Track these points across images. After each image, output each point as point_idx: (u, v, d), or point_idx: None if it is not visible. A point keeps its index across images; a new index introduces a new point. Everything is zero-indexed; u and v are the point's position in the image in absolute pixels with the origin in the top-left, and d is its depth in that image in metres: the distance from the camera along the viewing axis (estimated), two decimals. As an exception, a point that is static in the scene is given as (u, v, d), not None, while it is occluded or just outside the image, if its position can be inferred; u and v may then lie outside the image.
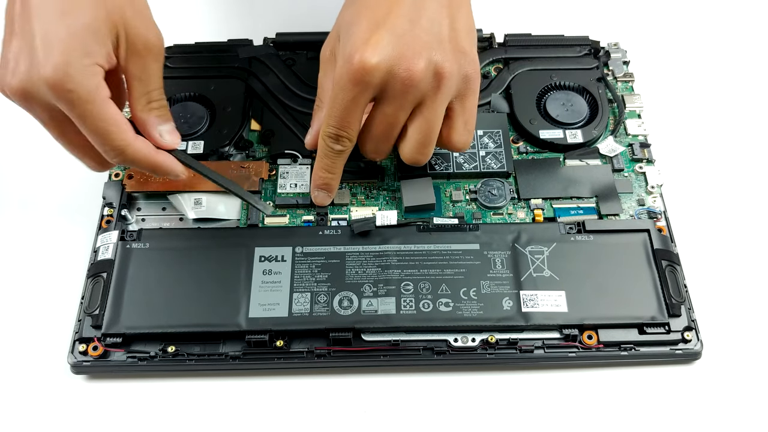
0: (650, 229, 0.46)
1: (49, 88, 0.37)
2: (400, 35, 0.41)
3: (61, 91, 0.37)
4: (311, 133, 0.49)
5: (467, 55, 0.43)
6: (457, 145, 0.46)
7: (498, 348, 0.43)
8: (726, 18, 0.63)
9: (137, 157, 0.41)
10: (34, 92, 0.38)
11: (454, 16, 0.44)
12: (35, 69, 0.37)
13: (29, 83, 0.38)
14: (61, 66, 0.37)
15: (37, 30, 0.38)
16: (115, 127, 0.39)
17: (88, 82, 0.38)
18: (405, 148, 0.45)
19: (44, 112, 0.39)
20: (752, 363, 0.45)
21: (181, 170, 0.44)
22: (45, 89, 0.37)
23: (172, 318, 0.43)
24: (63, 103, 0.38)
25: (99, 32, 0.39)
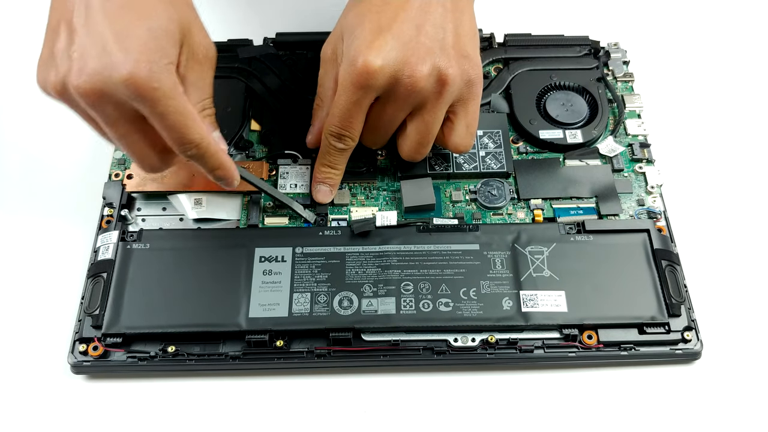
0: (650, 229, 0.46)
1: (128, 87, 0.37)
2: (405, 41, 0.42)
3: (146, 89, 0.37)
4: (312, 132, 0.49)
5: (470, 60, 0.44)
6: (459, 147, 0.47)
7: (498, 348, 0.43)
8: (726, 18, 0.63)
9: (210, 151, 0.41)
10: (109, 92, 0.37)
11: (458, 21, 0.44)
12: (113, 69, 0.37)
13: (103, 82, 0.37)
14: (145, 65, 0.37)
15: (110, 30, 0.38)
16: (192, 121, 0.39)
17: (169, 79, 0.38)
18: (403, 145, 0.47)
19: (116, 111, 0.39)
20: (752, 363, 0.45)
21: (238, 177, 0.44)
22: (123, 88, 0.37)
23: (172, 318, 0.43)
24: (145, 102, 0.38)
25: (174, 37, 0.39)
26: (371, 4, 0.43)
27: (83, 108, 0.39)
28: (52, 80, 0.38)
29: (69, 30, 0.39)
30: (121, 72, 0.37)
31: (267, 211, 0.49)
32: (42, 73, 0.39)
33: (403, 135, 0.47)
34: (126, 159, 0.51)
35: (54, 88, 0.39)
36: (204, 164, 0.42)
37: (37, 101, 0.57)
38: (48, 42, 0.40)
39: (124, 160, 0.51)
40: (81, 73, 0.37)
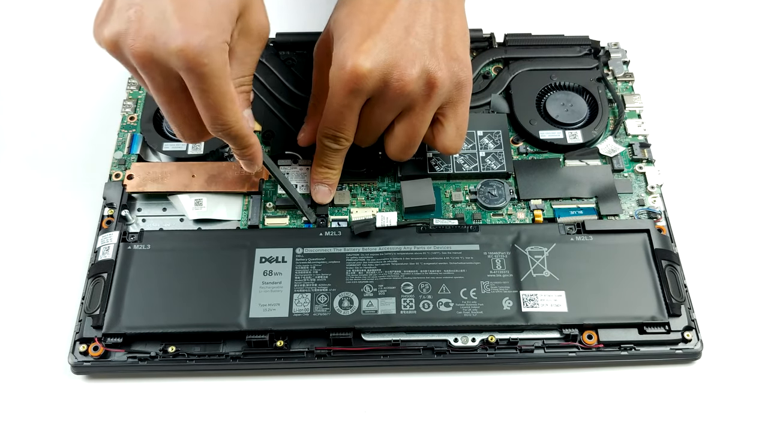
0: (650, 229, 0.46)
1: (180, 58, 0.37)
2: (395, 43, 0.42)
3: (196, 64, 0.37)
4: (305, 131, 0.50)
5: (460, 62, 0.44)
6: (449, 149, 0.47)
7: (498, 348, 0.43)
8: (726, 18, 0.63)
9: (240, 133, 0.42)
10: (160, 59, 0.38)
11: (448, 21, 0.44)
12: (168, 36, 0.37)
13: (157, 49, 0.37)
14: (201, 40, 0.37)
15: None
16: (231, 103, 0.40)
17: (221, 57, 0.38)
18: (390, 145, 0.47)
19: (163, 78, 0.39)
20: (752, 363, 0.45)
21: (261, 161, 0.45)
22: (175, 58, 0.37)
23: (173, 318, 0.43)
24: (192, 75, 0.38)
25: (233, 13, 0.39)
26: (361, 3, 0.43)
27: (133, 66, 0.39)
28: (106, 35, 0.38)
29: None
30: (177, 42, 0.37)
31: (267, 211, 0.49)
32: (98, 26, 0.39)
33: (390, 135, 0.46)
34: (126, 159, 0.51)
35: (107, 43, 0.39)
36: (231, 142, 0.43)
37: (37, 101, 0.57)
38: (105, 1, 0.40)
39: (124, 161, 0.51)
40: (137, 36, 0.37)
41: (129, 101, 0.54)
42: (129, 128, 0.53)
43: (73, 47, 0.60)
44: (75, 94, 0.58)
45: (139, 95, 0.55)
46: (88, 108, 0.57)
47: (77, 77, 0.59)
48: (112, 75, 0.58)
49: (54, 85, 0.58)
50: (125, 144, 0.52)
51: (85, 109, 0.57)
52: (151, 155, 0.52)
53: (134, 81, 0.55)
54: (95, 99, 0.57)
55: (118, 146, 0.52)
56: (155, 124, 0.52)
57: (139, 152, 0.51)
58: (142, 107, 0.54)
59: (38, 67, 0.59)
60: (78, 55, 0.60)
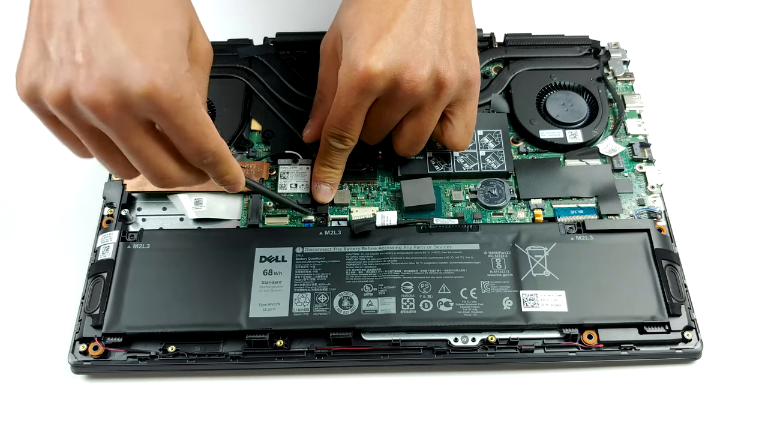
0: (650, 229, 0.46)
1: (147, 99, 0.33)
2: (406, 43, 0.42)
3: (168, 100, 0.34)
4: (311, 126, 0.50)
5: (469, 60, 0.44)
6: (457, 146, 0.48)
7: (498, 348, 0.43)
8: (726, 18, 0.63)
9: (225, 155, 0.38)
10: (124, 103, 0.33)
11: (457, 19, 0.44)
12: (129, 77, 0.33)
13: (119, 93, 0.33)
14: (166, 74, 0.33)
15: (122, 32, 0.33)
16: (210, 129, 0.37)
17: (189, 86, 0.35)
18: (398, 143, 0.48)
19: (130, 122, 0.34)
20: (752, 363, 0.45)
21: (243, 181, 0.42)
22: (141, 100, 0.33)
23: (173, 318, 0.43)
24: (164, 113, 0.34)
25: (185, 36, 0.37)
26: (370, 1, 0.43)
27: (84, 121, 0.35)
28: (51, 89, 0.34)
29: (67, 30, 0.34)
30: (141, 82, 0.33)
31: (267, 210, 0.49)
32: (29, 80, 0.34)
33: (398, 133, 0.47)
34: (126, 159, 0.51)
35: (53, 97, 0.34)
36: (216, 170, 0.39)
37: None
38: (33, 43, 0.35)
39: (124, 160, 0.51)
40: (90, 82, 0.33)
41: (129, 101, 0.54)
42: (129, 128, 0.53)
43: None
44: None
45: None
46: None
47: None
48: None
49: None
50: (125, 143, 0.52)
51: (85, 108, 0.57)
52: (151, 155, 0.52)
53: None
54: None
55: (118, 146, 0.52)
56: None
57: (139, 152, 0.51)
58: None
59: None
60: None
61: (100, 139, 0.36)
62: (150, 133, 0.36)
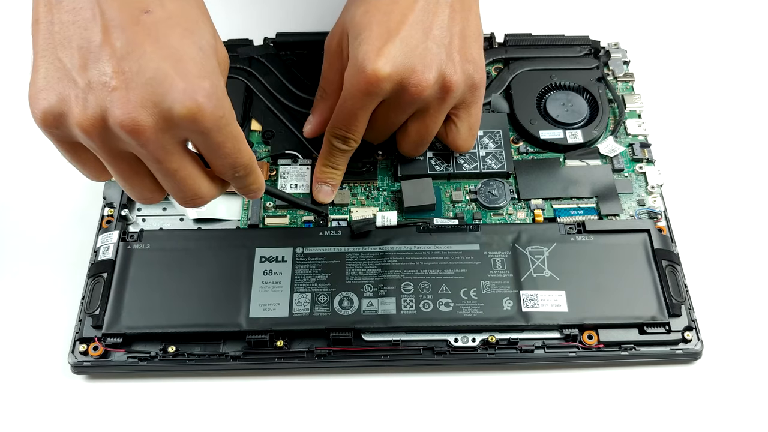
0: (650, 229, 0.46)
1: (191, 119, 0.31)
2: (413, 46, 0.42)
3: (211, 119, 0.32)
4: (312, 122, 0.50)
5: (475, 64, 0.44)
6: (461, 148, 0.48)
7: (498, 348, 0.43)
8: (726, 18, 0.63)
9: (255, 167, 0.37)
10: (167, 124, 0.31)
11: (465, 22, 0.44)
12: (172, 100, 0.31)
13: (161, 115, 0.31)
14: (209, 91, 0.32)
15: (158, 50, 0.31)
16: (243, 143, 0.35)
17: (228, 102, 0.33)
18: (403, 143, 0.48)
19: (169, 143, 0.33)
20: (752, 363, 0.45)
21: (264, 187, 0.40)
22: (185, 120, 0.31)
23: (173, 318, 0.43)
24: (206, 132, 0.32)
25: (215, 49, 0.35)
26: (379, 2, 0.43)
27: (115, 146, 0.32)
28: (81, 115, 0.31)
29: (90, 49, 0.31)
30: (185, 102, 0.31)
31: (267, 211, 0.49)
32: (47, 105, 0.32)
33: (403, 134, 0.47)
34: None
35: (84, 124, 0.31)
36: (245, 182, 0.37)
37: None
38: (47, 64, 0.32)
39: (124, 160, 0.51)
40: (128, 105, 0.31)
41: (129, 101, 0.54)
42: (129, 128, 0.53)
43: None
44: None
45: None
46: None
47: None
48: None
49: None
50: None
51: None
52: (151, 155, 0.52)
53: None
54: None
55: (118, 146, 0.52)
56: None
57: (139, 152, 0.51)
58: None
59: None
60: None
61: (130, 163, 0.34)
62: (185, 152, 0.34)
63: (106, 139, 0.32)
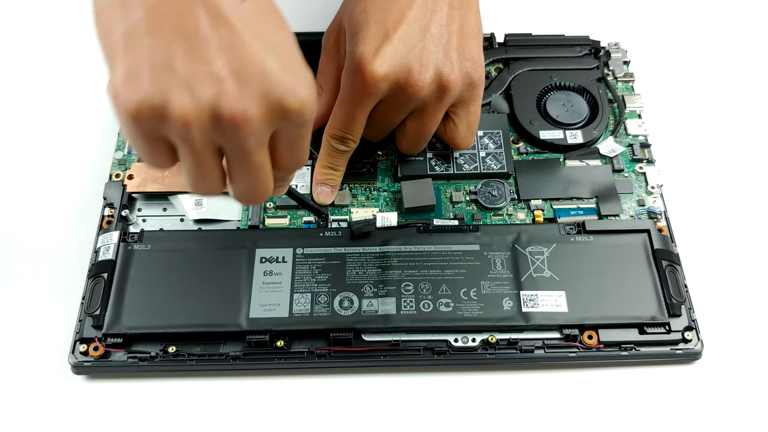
0: (650, 229, 0.46)
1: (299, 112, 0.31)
2: (411, 46, 0.42)
3: (311, 113, 0.32)
4: None
5: (474, 62, 0.44)
6: (460, 145, 0.48)
7: (498, 348, 0.43)
8: (726, 18, 0.63)
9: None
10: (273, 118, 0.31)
11: (464, 19, 0.44)
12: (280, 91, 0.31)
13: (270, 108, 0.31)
14: (311, 85, 0.32)
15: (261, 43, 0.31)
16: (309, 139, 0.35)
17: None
18: (401, 141, 0.48)
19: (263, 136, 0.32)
20: (752, 363, 0.45)
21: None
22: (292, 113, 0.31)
23: (173, 318, 0.43)
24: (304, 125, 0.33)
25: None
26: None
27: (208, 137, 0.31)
28: (186, 105, 0.30)
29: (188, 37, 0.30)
30: (298, 95, 0.31)
31: (268, 211, 0.49)
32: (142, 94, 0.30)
33: (402, 132, 0.48)
34: (126, 159, 0.51)
35: (188, 115, 0.30)
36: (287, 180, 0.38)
37: (37, 100, 0.57)
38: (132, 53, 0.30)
39: (124, 161, 0.51)
40: (241, 98, 0.30)
41: (129, 101, 0.54)
42: (129, 128, 0.53)
43: (73, 46, 0.60)
44: (75, 94, 0.58)
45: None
46: (89, 107, 0.57)
47: (78, 77, 0.59)
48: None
49: (54, 84, 0.58)
50: (125, 144, 0.52)
51: (86, 108, 0.57)
52: (151, 155, 0.52)
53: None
54: (96, 98, 0.57)
55: (119, 146, 0.52)
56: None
57: (139, 152, 0.51)
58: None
59: (38, 67, 0.59)
60: (78, 54, 0.60)
61: (214, 155, 0.33)
62: (267, 148, 0.33)
63: (204, 131, 0.31)
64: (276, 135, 0.33)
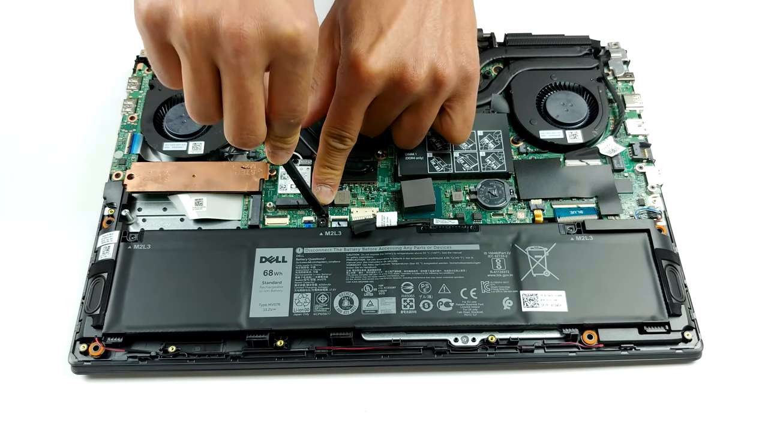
0: (650, 229, 0.46)
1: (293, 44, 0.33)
2: (405, 41, 0.42)
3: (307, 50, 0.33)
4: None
5: (468, 56, 0.44)
6: (457, 139, 0.49)
7: (498, 348, 0.43)
8: (726, 18, 0.63)
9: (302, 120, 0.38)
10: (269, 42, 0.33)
11: (458, 13, 0.44)
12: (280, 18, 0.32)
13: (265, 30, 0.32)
14: (313, 22, 0.33)
15: None
16: (309, 89, 0.36)
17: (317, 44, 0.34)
18: (398, 135, 0.48)
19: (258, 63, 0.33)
20: (752, 363, 0.45)
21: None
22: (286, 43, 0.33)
23: (173, 318, 0.43)
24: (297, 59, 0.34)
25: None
26: None
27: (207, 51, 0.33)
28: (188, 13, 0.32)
29: None
30: (293, 23, 0.33)
31: (268, 211, 0.49)
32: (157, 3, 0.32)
33: (398, 127, 0.48)
34: (126, 159, 0.51)
35: (188, 22, 0.32)
36: (290, 132, 0.38)
37: (38, 100, 0.57)
38: None
39: (124, 160, 0.51)
40: (240, 13, 0.32)
41: (129, 101, 0.54)
42: (129, 128, 0.53)
43: (73, 47, 0.60)
44: (75, 94, 0.58)
45: (139, 95, 0.55)
46: (89, 108, 0.57)
47: (78, 76, 0.59)
48: (112, 75, 0.58)
49: (54, 84, 0.58)
50: (125, 144, 0.52)
51: (86, 108, 0.57)
52: (151, 155, 0.52)
53: (135, 80, 0.55)
54: (96, 99, 0.57)
55: (119, 146, 0.52)
56: (155, 124, 0.52)
57: (139, 152, 0.51)
58: (142, 107, 0.54)
59: (39, 67, 0.60)
60: (79, 54, 0.60)
61: (210, 75, 0.34)
62: (262, 80, 0.35)
63: (203, 43, 0.32)
64: (272, 69, 0.34)
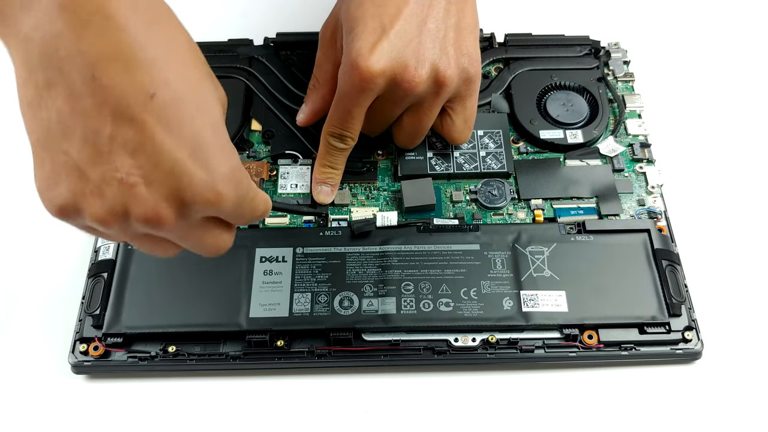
0: (650, 229, 0.46)
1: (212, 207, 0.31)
2: (407, 41, 0.42)
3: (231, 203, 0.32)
4: (305, 111, 0.50)
5: (470, 57, 0.44)
6: (457, 140, 0.49)
7: (498, 348, 0.43)
8: (726, 18, 0.63)
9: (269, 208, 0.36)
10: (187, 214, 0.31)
11: (460, 14, 0.44)
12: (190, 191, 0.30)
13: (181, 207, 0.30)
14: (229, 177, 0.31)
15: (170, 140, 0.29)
16: (259, 196, 0.35)
17: (245, 174, 0.33)
18: (398, 135, 0.49)
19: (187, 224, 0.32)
20: (752, 363, 0.45)
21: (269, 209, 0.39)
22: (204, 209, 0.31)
23: (173, 318, 0.43)
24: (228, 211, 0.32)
25: (224, 117, 0.33)
26: None
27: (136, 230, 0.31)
28: (97, 211, 0.29)
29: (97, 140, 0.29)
30: (205, 194, 0.30)
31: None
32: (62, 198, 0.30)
33: (398, 127, 0.48)
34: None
35: (101, 219, 0.30)
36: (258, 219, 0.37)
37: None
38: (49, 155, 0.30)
39: (124, 160, 0.51)
40: (148, 202, 0.29)
41: (129, 101, 0.54)
42: (129, 128, 0.53)
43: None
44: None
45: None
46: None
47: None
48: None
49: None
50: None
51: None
52: (151, 155, 0.52)
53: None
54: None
55: (118, 146, 0.52)
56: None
57: (139, 152, 0.51)
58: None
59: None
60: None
61: (152, 239, 0.33)
62: (205, 221, 0.33)
63: (125, 227, 0.31)
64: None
